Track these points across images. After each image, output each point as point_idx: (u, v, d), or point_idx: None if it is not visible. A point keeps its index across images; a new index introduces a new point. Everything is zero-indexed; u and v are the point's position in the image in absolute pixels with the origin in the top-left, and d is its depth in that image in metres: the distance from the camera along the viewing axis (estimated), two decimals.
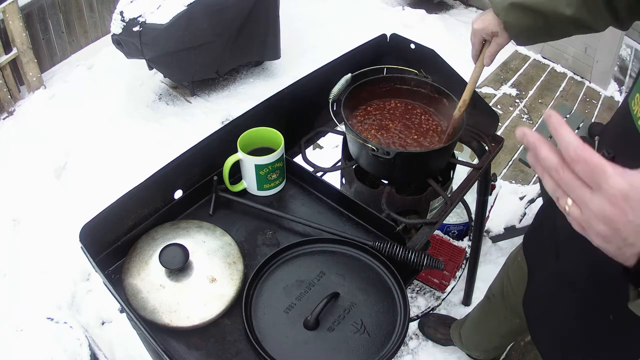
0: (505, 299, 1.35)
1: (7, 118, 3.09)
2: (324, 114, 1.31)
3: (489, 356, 1.73)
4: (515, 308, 1.23)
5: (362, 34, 1.63)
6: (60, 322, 1.66)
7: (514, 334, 1.42)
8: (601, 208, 0.47)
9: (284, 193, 1.16)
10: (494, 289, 1.43)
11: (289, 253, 1.00)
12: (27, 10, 3.10)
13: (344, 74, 1.26)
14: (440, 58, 1.32)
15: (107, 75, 3.33)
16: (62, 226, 2.33)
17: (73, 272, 2.14)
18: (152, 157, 1.79)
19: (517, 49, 3.68)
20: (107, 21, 3.51)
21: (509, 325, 1.38)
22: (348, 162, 1.29)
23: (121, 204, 0.96)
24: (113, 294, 0.85)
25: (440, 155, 1.18)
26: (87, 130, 2.92)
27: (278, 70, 3.44)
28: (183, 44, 2.78)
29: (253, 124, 1.13)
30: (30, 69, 3.17)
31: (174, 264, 0.93)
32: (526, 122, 3.06)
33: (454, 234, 1.88)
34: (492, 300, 1.43)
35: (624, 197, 0.46)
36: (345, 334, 0.88)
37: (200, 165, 1.10)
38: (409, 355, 1.93)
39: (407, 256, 0.96)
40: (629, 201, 0.46)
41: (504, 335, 1.46)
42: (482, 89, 3.30)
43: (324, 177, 1.21)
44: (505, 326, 1.41)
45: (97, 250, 0.95)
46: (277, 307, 0.91)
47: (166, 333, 0.89)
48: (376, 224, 1.07)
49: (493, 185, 1.87)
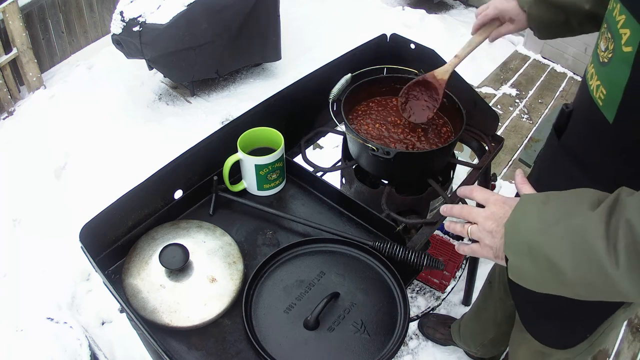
0: (500, 278, 1.38)
1: (7, 118, 3.09)
2: (324, 114, 1.31)
3: (486, 353, 1.73)
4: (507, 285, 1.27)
5: (362, 34, 1.64)
6: (60, 322, 1.66)
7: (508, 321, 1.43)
8: (490, 211, 0.73)
9: (284, 193, 1.16)
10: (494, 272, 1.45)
11: (289, 253, 1.00)
12: (27, 10, 3.11)
13: (344, 74, 1.26)
14: (440, 58, 1.32)
15: (107, 75, 3.33)
16: (62, 226, 2.33)
17: (73, 272, 2.14)
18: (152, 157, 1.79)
19: (517, 49, 3.68)
20: (107, 21, 3.51)
21: (504, 307, 1.41)
22: (348, 162, 1.29)
23: (121, 204, 0.96)
24: (113, 294, 0.85)
25: (440, 155, 1.18)
26: (87, 130, 2.92)
27: (278, 70, 3.44)
28: (183, 44, 2.78)
29: (253, 124, 1.13)
30: (30, 69, 3.17)
31: (174, 264, 0.93)
32: (526, 122, 3.06)
33: (454, 234, 1.88)
34: (492, 284, 1.45)
35: (503, 201, 0.73)
36: (345, 334, 0.88)
37: (200, 165, 1.10)
38: (409, 355, 1.93)
39: (407, 256, 0.96)
40: (506, 203, 0.72)
41: (499, 323, 1.47)
42: (482, 89, 3.30)
43: (324, 177, 1.21)
44: (500, 310, 1.43)
45: (97, 250, 0.95)
46: (277, 307, 0.91)
47: (166, 333, 0.89)
48: (376, 224, 1.07)
49: (493, 185, 1.87)
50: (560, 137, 0.92)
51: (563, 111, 0.91)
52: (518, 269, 0.68)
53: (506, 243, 0.68)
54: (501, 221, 0.70)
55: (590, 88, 0.81)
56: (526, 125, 3.04)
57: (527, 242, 0.65)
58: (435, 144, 1.20)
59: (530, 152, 2.08)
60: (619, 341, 1.98)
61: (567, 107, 0.91)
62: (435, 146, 1.19)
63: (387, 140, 1.20)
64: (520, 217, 0.67)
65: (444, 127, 1.25)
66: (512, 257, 0.68)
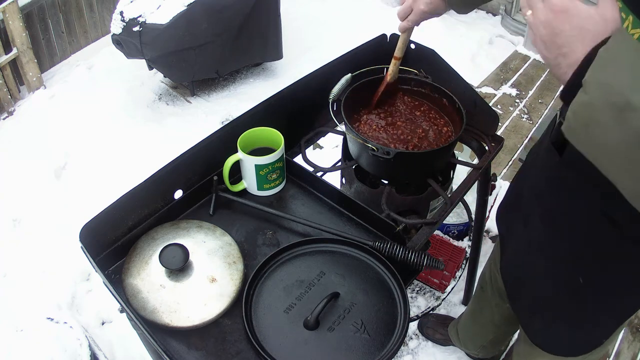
0: (493, 283, 1.36)
1: (7, 118, 3.09)
2: (324, 114, 1.31)
3: (487, 354, 1.73)
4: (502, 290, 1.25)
5: (362, 34, 1.63)
6: (60, 322, 1.66)
7: (507, 322, 1.42)
8: (545, 14, 0.61)
9: (284, 193, 1.16)
10: (485, 277, 1.44)
11: (289, 253, 1.00)
12: (27, 10, 3.10)
13: (344, 74, 1.26)
14: (440, 58, 1.32)
15: (107, 75, 3.33)
16: (62, 226, 2.33)
17: (73, 272, 2.14)
18: (152, 157, 1.79)
19: (517, 49, 3.68)
20: (107, 21, 3.51)
21: (501, 311, 1.39)
22: (348, 162, 1.29)
23: (121, 204, 0.96)
24: (113, 294, 0.85)
25: (440, 155, 1.18)
26: (87, 130, 2.92)
27: (278, 70, 3.44)
28: (183, 44, 2.78)
29: (253, 124, 1.13)
30: (30, 69, 3.17)
31: (174, 264, 0.93)
32: (526, 122, 3.06)
33: (454, 234, 1.88)
34: (485, 289, 1.43)
35: (564, 9, 0.60)
36: (345, 334, 0.88)
37: (200, 165, 1.10)
38: (409, 355, 1.93)
39: (407, 256, 0.96)
40: (567, 14, 0.59)
41: (498, 325, 1.46)
42: (482, 89, 3.30)
43: (324, 177, 1.21)
44: (497, 313, 1.42)
45: (97, 250, 0.95)
46: (277, 307, 0.91)
47: (166, 333, 0.89)
48: (376, 224, 1.07)
49: (493, 185, 1.87)
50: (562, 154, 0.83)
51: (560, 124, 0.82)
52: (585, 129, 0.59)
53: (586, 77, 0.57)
54: (557, 41, 0.61)
55: None
56: (526, 125, 3.03)
57: (621, 103, 0.52)
58: (436, 143, 1.20)
59: None
60: (619, 341, 1.98)
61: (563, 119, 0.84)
62: (436, 146, 1.19)
63: (386, 141, 1.20)
64: (610, 70, 0.55)
65: (444, 127, 1.25)
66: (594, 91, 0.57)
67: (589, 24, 0.59)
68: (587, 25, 0.59)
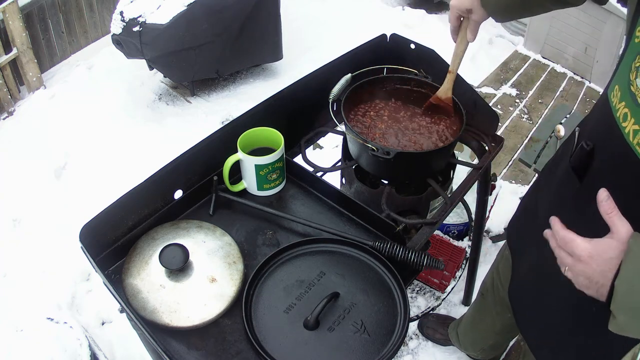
0: (496, 293, 1.35)
1: (7, 118, 3.09)
2: (324, 114, 1.31)
3: (487, 356, 1.73)
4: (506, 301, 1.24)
5: (362, 34, 1.63)
6: (60, 322, 1.66)
7: (508, 329, 1.41)
8: (576, 265, 0.70)
9: (284, 193, 1.16)
10: (486, 285, 1.43)
11: (289, 253, 1.00)
12: (27, 10, 3.10)
13: (344, 74, 1.26)
14: (440, 58, 1.32)
15: (107, 75, 3.33)
16: (62, 226, 2.33)
17: (73, 272, 2.13)
18: (152, 157, 1.79)
19: (517, 49, 3.68)
20: (107, 21, 3.51)
21: (502, 320, 1.38)
22: (348, 162, 1.29)
23: (121, 204, 0.96)
24: (113, 294, 0.85)
25: (440, 155, 1.18)
26: (87, 130, 2.92)
27: (278, 70, 3.44)
28: (183, 44, 2.78)
29: (253, 124, 1.13)
30: (30, 69, 3.17)
31: (174, 264, 0.93)
32: (526, 122, 3.06)
33: (454, 234, 1.88)
34: (485, 296, 1.43)
35: (589, 256, 0.68)
36: (345, 334, 0.88)
37: (200, 165, 1.10)
38: (409, 355, 1.93)
39: (407, 256, 0.96)
40: (593, 257, 0.68)
41: (498, 332, 1.45)
42: (482, 89, 3.30)
43: (324, 177, 1.21)
44: (498, 322, 1.41)
45: (97, 250, 0.95)
46: (277, 307, 0.91)
47: (166, 333, 0.89)
48: (376, 224, 1.07)
49: (493, 185, 1.87)
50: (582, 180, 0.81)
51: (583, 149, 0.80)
52: (629, 326, 0.67)
53: (616, 301, 0.65)
54: (593, 280, 0.68)
55: (625, 132, 0.70)
56: (526, 125, 3.03)
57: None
58: (436, 144, 1.20)
59: (530, 152, 2.08)
60: None
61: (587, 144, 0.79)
62: (436, 146, 1.19)
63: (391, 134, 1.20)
64: (635, 275, 0.63)
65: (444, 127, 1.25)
66: (624, 317, 0.65)
67: (612, 253, 0.66)
68: (609, 254, 0.66)
